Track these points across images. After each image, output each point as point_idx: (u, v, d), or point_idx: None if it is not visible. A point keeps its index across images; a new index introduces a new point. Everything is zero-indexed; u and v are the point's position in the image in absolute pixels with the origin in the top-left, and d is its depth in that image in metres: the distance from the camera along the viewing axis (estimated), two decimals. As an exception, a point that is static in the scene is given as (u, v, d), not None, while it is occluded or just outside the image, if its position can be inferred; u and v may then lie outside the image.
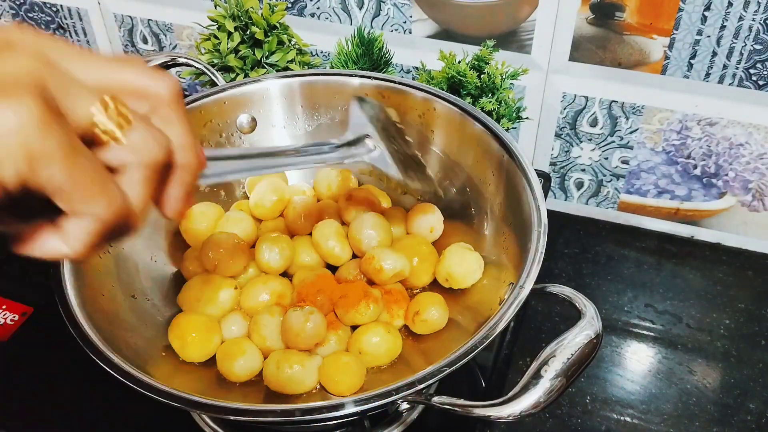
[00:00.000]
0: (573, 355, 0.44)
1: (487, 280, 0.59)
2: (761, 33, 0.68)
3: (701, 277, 0.78)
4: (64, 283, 0.52)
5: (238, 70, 0.75)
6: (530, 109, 0.82)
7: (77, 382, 0.66)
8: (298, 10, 0.87)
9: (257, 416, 0.45)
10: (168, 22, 0.98)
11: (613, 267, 0.80)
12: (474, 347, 0.46)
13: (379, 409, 0.46)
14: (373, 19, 0.84)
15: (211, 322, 0.57)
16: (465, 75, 0.70)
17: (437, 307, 0.57)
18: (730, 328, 0.72)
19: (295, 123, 0.71)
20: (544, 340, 0.60)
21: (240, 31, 0.75)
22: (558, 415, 0.65)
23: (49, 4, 1.05)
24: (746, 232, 0.81)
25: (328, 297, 0.58)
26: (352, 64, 0.76)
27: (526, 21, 0.77)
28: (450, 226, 0.65)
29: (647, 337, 0.72)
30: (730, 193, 0.79)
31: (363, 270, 0.60)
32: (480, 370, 0.67)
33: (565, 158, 0.85)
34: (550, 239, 0.52)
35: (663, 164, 0.80)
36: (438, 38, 0.83)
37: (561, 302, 0.49)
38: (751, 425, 0.64)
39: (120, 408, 0.64)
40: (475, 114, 0.63)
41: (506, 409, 0.43)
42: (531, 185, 0.56)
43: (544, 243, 0.52)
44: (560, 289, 0.50)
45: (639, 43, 0.73)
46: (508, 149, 0.59)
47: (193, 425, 0.61)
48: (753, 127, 0.74)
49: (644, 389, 0.67)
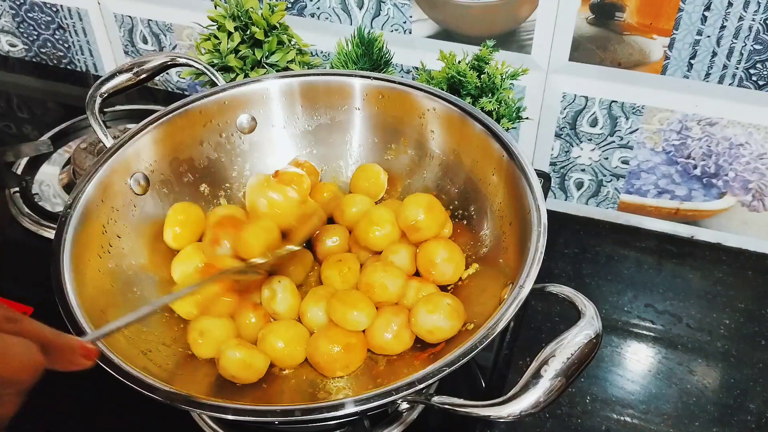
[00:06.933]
0: (573, 355, 0.44)
1: (487, 279, 0.59)
2: (761, 33, 0.68)
3: (701, 277, 0.78)
4: (64, 283, 0.52)
5: (238, 70, 0.75)
6: (530, 109, 0.82)
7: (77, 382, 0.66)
8: (298, 10, 0.87)
9: (257, 416, 0.45)
10: (168, 22, 0.98)
11: (613, 267, 0.80)
12: (474, 347, 0.46)
13: (379, 409, 0.46)
14: (373, 19, 0.84)
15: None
16: (465, 75, 0.70)
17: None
18: (730, 328, 0.72)
19: (295, 123, 0.71)
20: (544, 340, 0.60)
21: (240, 31, 0.75)
22: (558, 415, 0.65)
23: (49, 4, 1.05)
24: (746, 232, 0.81)
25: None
26: (352, 64, 0.76)
27: (526, 21, 0.77)
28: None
29: (647, 337, 0.72)
30: (730, 193, 0.79)
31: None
32: (480, 370, 0.67)
33: (565, 158, 0.85)
34: (550, 239, 0.52)
35: (663, 164, 0.80)
36: (438, 38, 0.83)
37: (561, 302, 0.49)
38: (751, 425, 0.64)
39: (120, 408, 0.64)
40: (475, 114, 0.63)
41: (506, 409, 0.43)
42: (531, 185, 0.56)
43: (544, 243, 0.52)
44: (560, 289, 0.50)
45: (639, 43, 0.73)
46: (508, 149, 0.59)
47: (193, 425, 0.61)
48: (753, 127, 0.74)
49: (644, 389, 0.67)
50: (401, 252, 0.62)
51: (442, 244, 0.61)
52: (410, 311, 0.57)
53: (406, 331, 0.57)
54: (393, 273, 0.58)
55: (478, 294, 0.59)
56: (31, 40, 1.12)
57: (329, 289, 0.60)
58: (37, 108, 1.06)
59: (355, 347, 0.56)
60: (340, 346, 0.55)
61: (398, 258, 0.61)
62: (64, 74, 1.13)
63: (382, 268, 0.59)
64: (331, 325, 0.57)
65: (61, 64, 1.13)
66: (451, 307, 0.55)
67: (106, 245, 0.59)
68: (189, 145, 0.68)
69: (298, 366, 0.57)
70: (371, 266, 0.60)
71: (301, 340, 0.57)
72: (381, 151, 0.71)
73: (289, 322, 0.59)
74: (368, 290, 0.58)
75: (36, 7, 1.07)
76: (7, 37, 1.14)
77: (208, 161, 0.69)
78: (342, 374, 0.56)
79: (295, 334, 0.57)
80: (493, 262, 0.60)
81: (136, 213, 0.63)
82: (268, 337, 0.57)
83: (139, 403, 0.48)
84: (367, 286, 0.58)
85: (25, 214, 0.82)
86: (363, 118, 0.70)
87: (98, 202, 0.60)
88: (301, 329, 0.58)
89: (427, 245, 0.61)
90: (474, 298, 0.59)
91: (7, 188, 0.86)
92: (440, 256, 0.60)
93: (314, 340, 0.57)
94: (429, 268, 0.60)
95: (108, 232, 0.60)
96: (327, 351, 0.55)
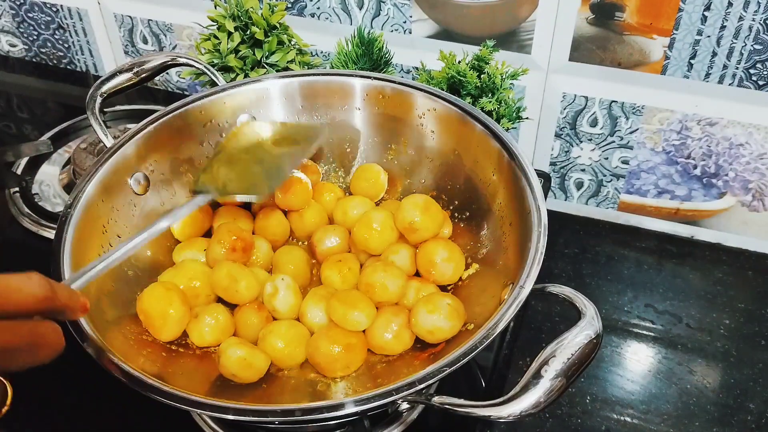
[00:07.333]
0: (573, 355, 0.44)
1: (487, 279, 0.59)
2: (761, 33, 0.68)
3: (701, 277, 0.78)
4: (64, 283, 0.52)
5: (238, 70, 0.75)
6: (530, 109, 0.82)
7: (77, 382, 0.66)
8: (298, 10, 0.87)
9: (257, 416, 0.45)
10: (168, 22, 0.98)
11: (613, 267, 0.80)
12: (474, 347, 0.46)
13: (379, 409, 0.46)
14: (373, 19, 0.84)
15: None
16: (465, 75, 0.70)
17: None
18: (730, 328, 0.72)
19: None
20: (544, 340, 0.60)
21: (240, 31, 0.75)
22: (558, 415, 0.65)
23: (49, 4, 1.05)
24: (746, 232, 0.81)
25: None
26: (352, 64, 0.76)
27: (526, 21, 0.77)
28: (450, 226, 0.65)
29: (647, 337, 0.72)
30: (730, 193, 0.79)
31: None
32: (480, 370, 0.67)
33: (565, 158, 0.85)
34: (550, 239, 0.52)
35: (663, 164, 0.80)
36: (438, 38, 0.83)
37: (561, 302, 0.49)
38: (751, 425, 0.64)
39: (120, 407, 0.64)
40: (475, 114, 0.63)
41: (506, 409, 0.43)
42: (531, 185, 0.56)
43: (544, 243, 0.52)
44: (560, 289, 0.50)
45: (639, 43, 0.73)
46: (508, 149, 0.59)
47: (193, 425, 0.61)
48: (753, 127, 0.74)
49: (644, 389, 0.67)
50: (401, 252, 0.62)
51: (441, 244, 0.61)
52: (410, 311, 0.57)
53: (406, 331, 0.57)
54: (393, 273, 0.58)
55: (478, 294, 0.59)
56: (31, 40, 1.12)
57: (329, 289, 0.60)
58: (37, 108, 1.06)
59: (356, 347, 0.56)
60: (340, 347, 0.55)
61: (398, 258, 0.61)
62: (64, 74, 1.13)
63: (382, 268, 0.59)
64: (331, 326, 0.58)
65: (61, 64, 1.13)
66: (452, 308, 0.55)
67: (107, 245, 0.59)
68: (189, 145, 0.68)
69: (298, 366, 0.57)
70: (371, 266, 0.60)
71: (301, 341, 0.57)
72: (381, 151, 0.71)
73: (290, 322, 0.59)
74: (368, 290, 0.58)
75: (36, 7, 1.07)
76: (7, 37, 1.14)
77: (208, 161, 0.69)
78: (342, 374, 0.56)
79: (296, 335, 0.57)
80: (493, 262, 0.60)
81: (136, 213, 0.63)
82: (269, 337, 0.57)
83: (139, 403, 0.48)
84: (368, 287, 0.58)
85: (25, 214, 0.82)
86: (363, 118, 0.70)
87: (98, 202, 0.60)
88: (301, 329, 0.58)
89: (426, 245, 0.61)
90: (474, 298, 0.58)
91: (7, 188, 0.86)
92: (440, 256, 0.60)
93: (315, 340, 0.57)
94: (429, 269, 0.60)
95: (108, 232, 0.60)
96: (327, 351, 0.55)
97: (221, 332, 0.58)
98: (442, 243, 0.61)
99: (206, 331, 0.57)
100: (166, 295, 0.56)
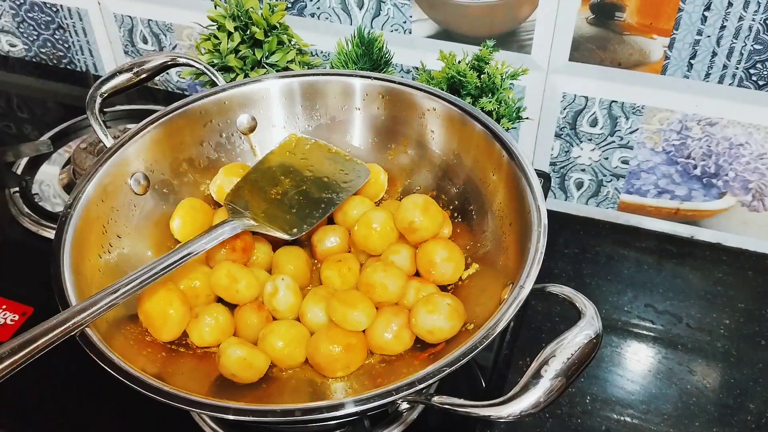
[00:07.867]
0: (573, 355, 0.44)
1: (487, 279, 0.59)
2: (761, 33, 0.68)
3: (701, 277, 0.78)
4: (64, 283, 0.52)
5: (238, 70, 0.75)
6: (530, 109, 0.82)
7: (77, 382, 0.66)
8: (298, 10, 0.87)
9: (258, 416, 0.45)
10: (168, 22, 0.98)
11: (613, 267, 0.80)
12: (474, 347, 0.46)
13: (379, 409, 0.46)
14: (373, 19, 0.84)
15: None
16: (465, 75, 0.70)
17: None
18: (730, 328, 0.72)
19: (295, 123, 0.71)
20: (544, 340, 0.60)
21: (240, 31, 0.75)
22: (558, 415, 0.65)
23: (49, 4, 1.05)
24: (746, 232, 0.81)
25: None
26: (352, 64, 0.76)
27: (526, 21, 0.77)
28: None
29: (647, 337, 0.72)
30: (730, 193, 0.79)
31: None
32: (480, 370, 0.67)
33: (565, 158, 0.85)
34: (550, 239, 0.52)
35: (663, 164, 0.80)
36: (438, 38, 0.83)
37: (561, 302, 0.49)
38: (751, 425, 0.64)
39: (120, 407, 0.64)
40: (475, 114, 0.63)
41: (506, 409, 0.43)
42: (531, 185, 0.56)
43: (544, 243, 0.52)
44: (560, 289, 0.50)
45: (639, 43, 0.73)
46: (508, 149, 0.59)
47: (193, 425, 0.61)
48: (753, 127, 0.74)
49: (644, 389, 0.67)
50: (401, 252, 0.62)
51: (441, 244, 0.61)
52: (410, 311, 0.57)
53: (406, 331, 0.57)
54: (393, 273, 0.58)
55: (478, 294, 0.59)
56: (31, 40, 1.12)
57: (329, 289, 0.60)
58: (37, 108, 1.06)
59: (356, 347, 0.56)
60: (340, 347, 0.55)
61: (398, 258, 0.61)
62: (64, 74, 1.13)
63: (382, 268, 0.59)
64: (331, 326, 0.57)
65: (61, 64, 1.13)
66: (451, 308, 0.55)
67: (107, 245, 0.59)
68: (189, 145, 0.68)
69: (298, 366, 0.57)
70: (371, 266, 0.60)
71: (301, 341, 0.57)
72: (381, 151, 0.71)
73: (290, 322, 0.59)
74: (368, 290, 0.58)
75: (36, 7, 1.07)
76: (7, 37, 1.14)
77: (209, 161, 0.69)
78: (342, 374, 0.56)
79: (296, 335, 0.57)
80: (493, 262, 0.60)
81: (137, 213, 0.63)
82: (269, 337, 0.57)
83: (139, 403, 0.48)
84: (368, 287, 0.58)
85: (25, 214, 0.82)
86: (363, 118, 0.70)
87: (98, 202, 0.60)
88: (301, 329, 0.58)
89: (426, 245, 0.61)
90: (474, 298, 0.58)
91: (7, 188, 0.86)
92: (440, 256, 0.60)
93: (314, 340, 0.57)
94: (429, 268, 0.60)
95: (108, 232, 0.60)
96: (327, 351, 0.55)
97: (221, 332, 0.58)
98: (442, 243, 0.61)
99: (206, 331, 0.57)
100: (166, 295, 0.56)
